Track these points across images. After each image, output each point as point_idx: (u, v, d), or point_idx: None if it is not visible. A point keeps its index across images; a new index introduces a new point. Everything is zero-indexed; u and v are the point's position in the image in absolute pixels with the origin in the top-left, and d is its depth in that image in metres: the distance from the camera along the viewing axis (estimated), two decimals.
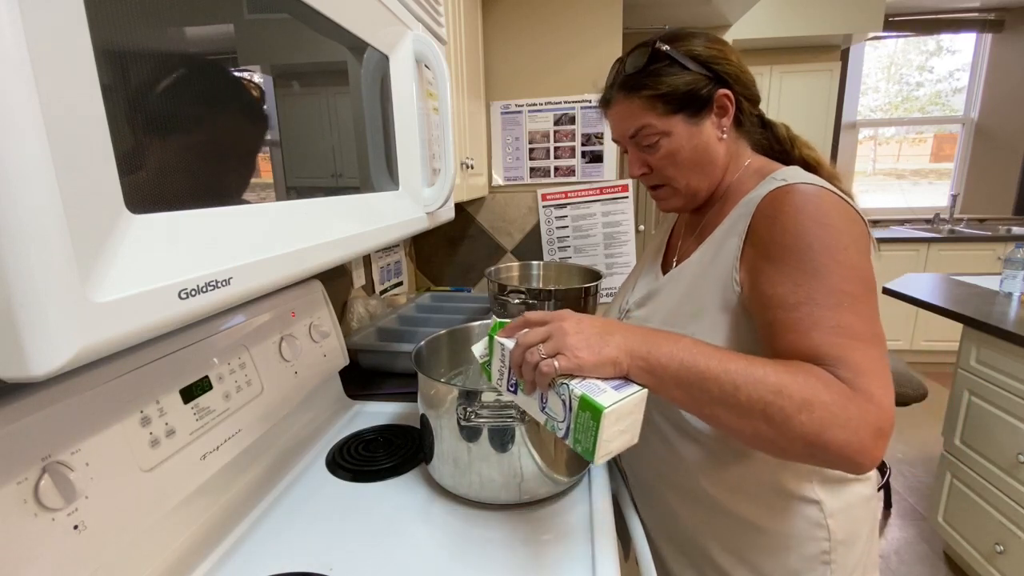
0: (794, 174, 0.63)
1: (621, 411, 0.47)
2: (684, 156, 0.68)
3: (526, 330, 0.54)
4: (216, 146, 0.43)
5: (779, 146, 0.73)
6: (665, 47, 0.67)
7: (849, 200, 0.60)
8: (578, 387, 0.48)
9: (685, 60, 0.67)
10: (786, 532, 0.65)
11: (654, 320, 0.71)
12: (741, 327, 0.62)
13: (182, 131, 0.39)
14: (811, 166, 0.69)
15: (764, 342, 0.58)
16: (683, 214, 0.83)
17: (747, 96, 0.70)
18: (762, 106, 0.74)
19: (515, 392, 0.56)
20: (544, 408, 0.53)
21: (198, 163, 0.40)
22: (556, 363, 0.49)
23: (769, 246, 0.58)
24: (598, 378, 0.50)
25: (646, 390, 0.50)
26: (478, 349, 0.61)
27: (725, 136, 0.69)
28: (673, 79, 0.67)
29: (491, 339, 0.58)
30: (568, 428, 0.50)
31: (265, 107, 0.50)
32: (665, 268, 0.80)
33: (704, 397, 0.49)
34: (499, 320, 0.59)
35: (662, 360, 0.50)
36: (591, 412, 0.47)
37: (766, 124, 0.75)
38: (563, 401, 0.50)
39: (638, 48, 0.70)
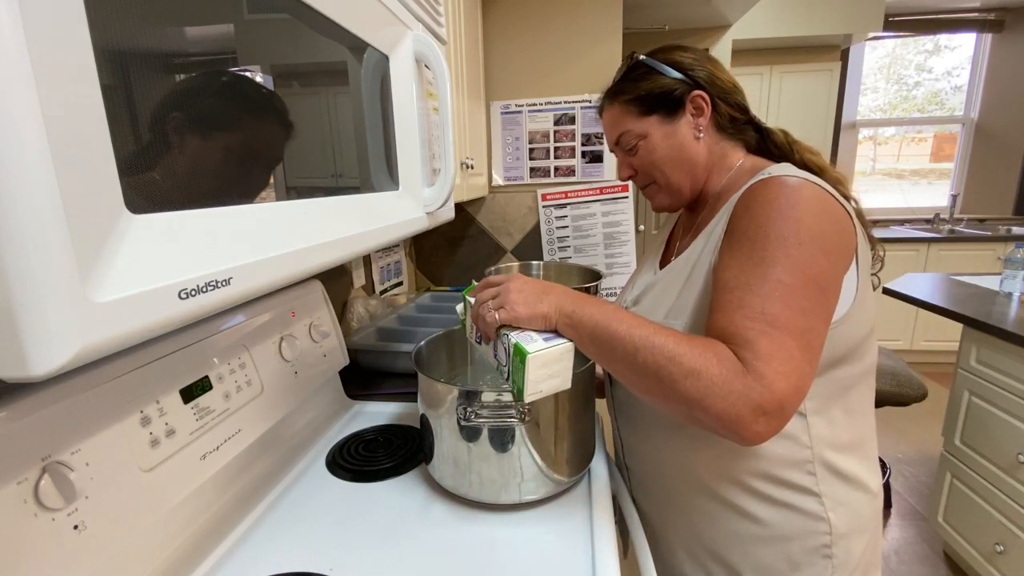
0: (783, 169, 0.64)
1: (546, 358, 0.56)
2: (661, 155, 0.74)
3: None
4: (222, 147, 0.43)
5: (778, 151, 0.74)
6: (642, 56, 0.75)
7: (838, 197, 0.61)
8: (514, 336, 0.58)
9: (661, 67, 0.73)
10: (787, 524, 0.66)
11: (656, 315, 0.71)
12: None
13: (182, 131, 0.39)
14: (813, 171, 0.68)
15: None
16: (682, 213, 0.86)
17: (724, 99, 0.73)
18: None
19: (479, 343, 0.66)
20: (496, 355, 0.63)
21: (198, 163, 0.40)
22: (497, 315, 0.60)
23: (734, 233, 0.61)
24: (533, 331, 0.59)
25: (572, 344, 0.58)
26: (460, 309, 0.73)
27: (702, 135, 0.73)
28: (647, 83, 0.73)
29: (464, 299, 0.71)
30: (508, 371, 0.59)
31: (270, 106, 0.50)
32: (664, 265, 0.81)
33: (611, 355, 0.56)
34: (473, 282, 0.70)
35: (583, 319, 0.58)
36: (520, 357, 0.56)
37: (762, 130, 0.76)
38: (504, 348, 0.59)
39: (624, 60, 0.78)
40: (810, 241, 0.56)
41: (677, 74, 0.72)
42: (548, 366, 0.56)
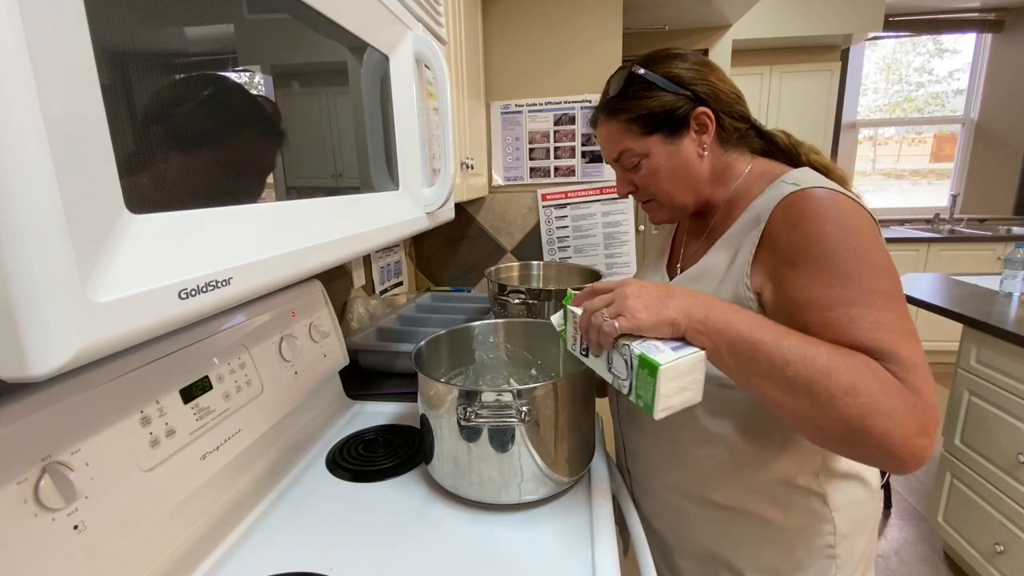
0: (804, 177, 0.62)
1: (678, 369, 0.50)
2: (665, 174, 0.70)
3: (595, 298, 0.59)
4: (221, 149, 0.43)
5: (783, 154, 0.72)
6: (641, 70, 0.69)
7: (860, 201, 0.60)
8: (638, 347, 0.52)
9: (662, 81, 0.68)
10: (793, 525, 0.65)
11: None
12: None
13: (182, 131, 0.39)
14: (820, 171, 0.67)
15: None
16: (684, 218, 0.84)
17: (727, 112, 0.70)
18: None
19: (586, 355, 0.62)
20: (610, 368, 0.57)
21: (198, 163, 0.40)
22: (616, 323, 0.54)
23: (793, 252, 0.57)
24: (658, 339, 0.54)
25: (703, 352, 0.52)
26: (556, 319, 0.68)
27: (706, 153, 0.70)
28: (649, 102, 0.68)
29: (565, 309, 0.65)
30: (631, 384, 0.54)
31: (267, 111, 0.50)
32: (671, 272, 0.79)
33: (754, 368, 0.51)
34: (571, 291, 0.66)
35: (719, 326, 0.52)
36: (648, 369, 0.51)
37: (764, 134, 0.74)
38: (625, 360, 0.54)
39: (619, 70, 0.72)
40: (877, 247, 0.55)
41: (679, 89, 0.68)
42: (680, 378, 0.51)
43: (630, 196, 0.78)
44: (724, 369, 0.53)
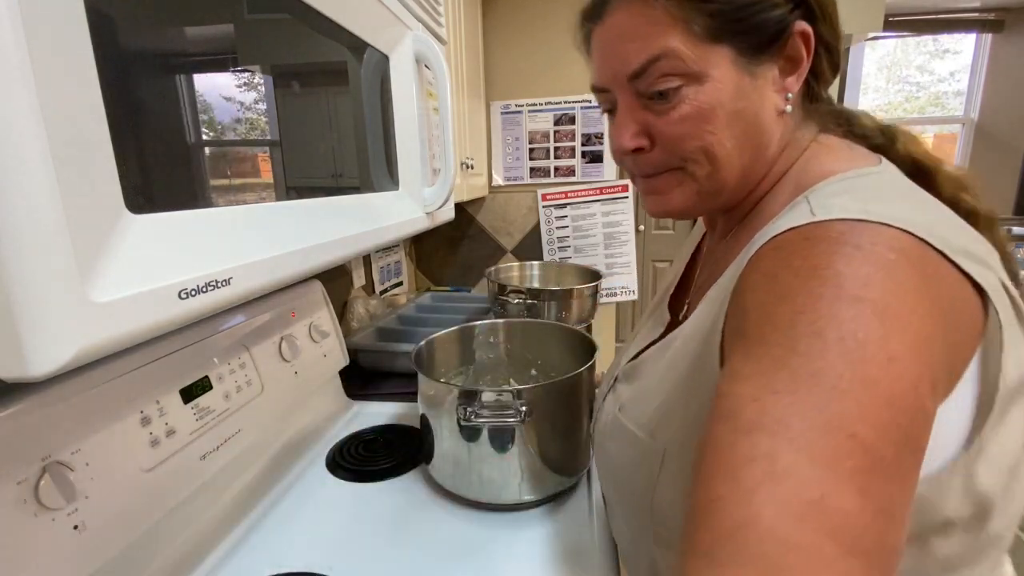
0: (850, 191, 0.38)
1: None
2: (721, 122, 0.41)
3: None
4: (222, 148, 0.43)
5: (864, 143, 0.47)
6: None
7: (960, 264, 0.33)
8: None
9: None
10: None
11: (647, 408, 0.46)
12: None
13: (182, 131, 0.39)
14: (923, 168, 0.44)
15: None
16: (713, 223, 0.55)
17: (829, 48, 0.44)
18: None
19: None
20: None
21: (198, 163, 0.40)
22: None
23: (745, 323, 0.34)
24: None
25: None
26: None
27: (789, 108, 0.43)
28: None
29: None
30: None
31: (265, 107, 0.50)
32: (674, 311, 0.54)
33: None
34: None
35: None
36: None
37: (837, 111, 0.49)
38: None
39: None
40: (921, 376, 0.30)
41: None
42: None
43: (629, 187, 0.50)
44: None
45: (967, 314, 0.33)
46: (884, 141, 0.47)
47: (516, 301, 1.23)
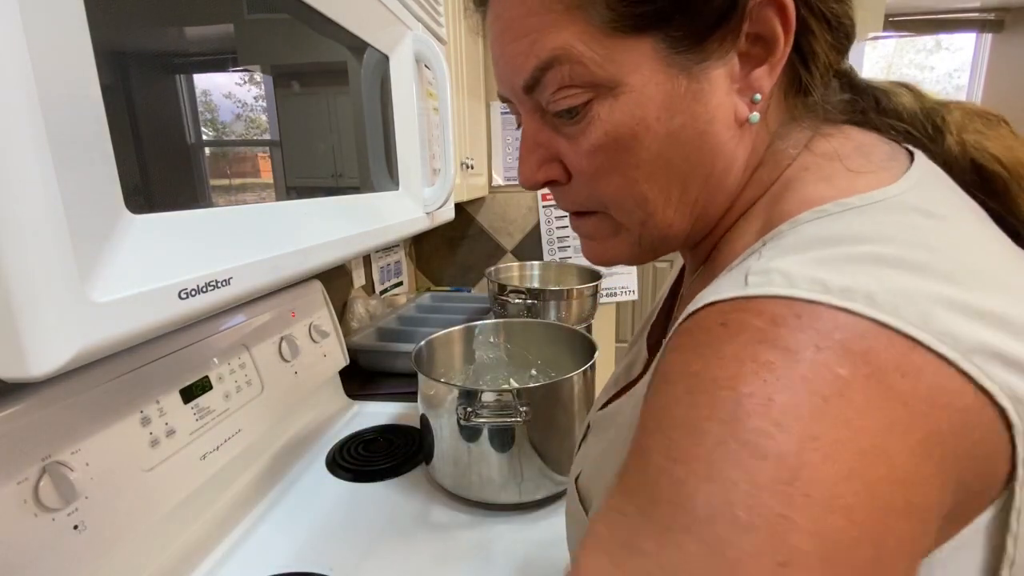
0: (819, 241, 0.25)
1: None
2: (647, 153, 0.29)
3: None
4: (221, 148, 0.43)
5: (901, 137, 0.32)
6: None
7: (985, 383, 0.20)
8: None
9: None
10: None
11: (594, 501, 0.37)
12: None
13: (182, 131, 0.39)
14: (990, 177, 0.31)
15: None
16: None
17: (829, 17, 0.29)
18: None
19: None
20: None
21: (198, 163, 0.40)
22: None
23: (632, 445, 0.25)
24: None
25: None
26: None
27: (755, 116, 0.30)
28: None
29: None
30: None
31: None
32: (652, 349, 0.44)
33: None
34: None
35: None
36: None
37: (860, 89, 0.35)
38: None
39: None
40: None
41: None
42: None
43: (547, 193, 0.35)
44: None
45: (984, 450, 0.21)
46: (926, 127, 0.32)
47: (516, 301, 1.23)
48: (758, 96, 0.29)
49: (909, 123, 0.33)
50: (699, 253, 0.36)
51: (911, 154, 0.29)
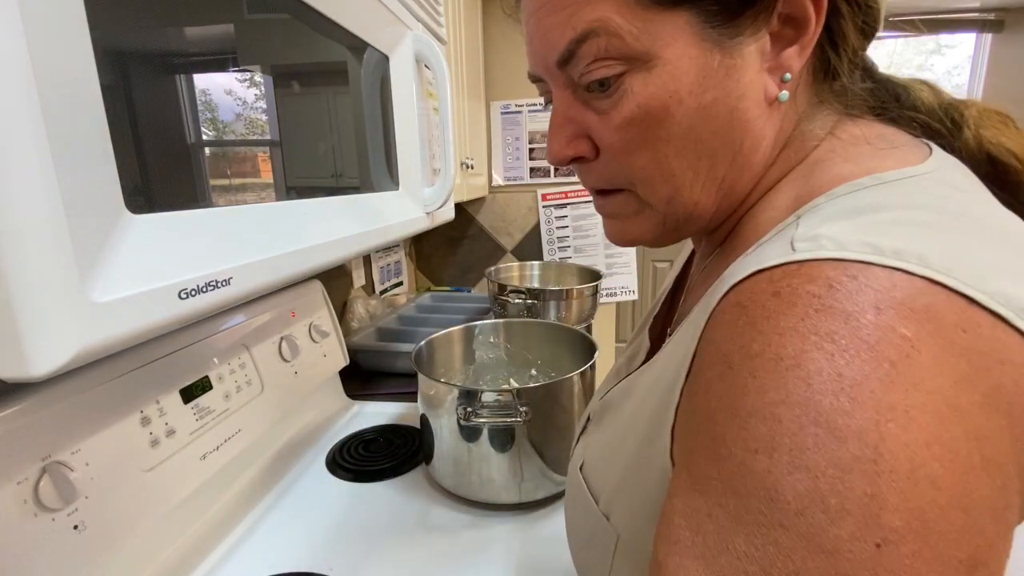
0: (860, 210, 0.25)
1: None
2: (679, 128, 0.30)
3: None
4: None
5: (921, 131, 0.33)
6: None
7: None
8: None
9: None
10: None
11: (600, 487, 0.36)
12: None
13: (182, 131, 0.39)
14: (1005, 169, 0.32)
15: None
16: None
17: (859, 4, 0.30)
18: None
19: None
20: None
21: (198, 163, 0.40)
22: None
23: (693, 439, 0.25)
24: None
25: None
26: None
27: (785, 94, 0.30)
28: None
29: None
30: None
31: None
32: (655, 340, 0.44)
33: None
34: None
35: None
36: None
37: (881, 82, 0.35)
38: None
39: None
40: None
41: None
42: None
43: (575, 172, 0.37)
44: None
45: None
46: (948, 126, 0.32)
47: (516, 301, 1.23)
48: (788, 75, 0.29)
49: (927, 116, 0.33)
50: (717, 235, 0.37)
51: (928, 146, 0.30)
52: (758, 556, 0.20)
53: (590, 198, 0.38)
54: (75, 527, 0.47)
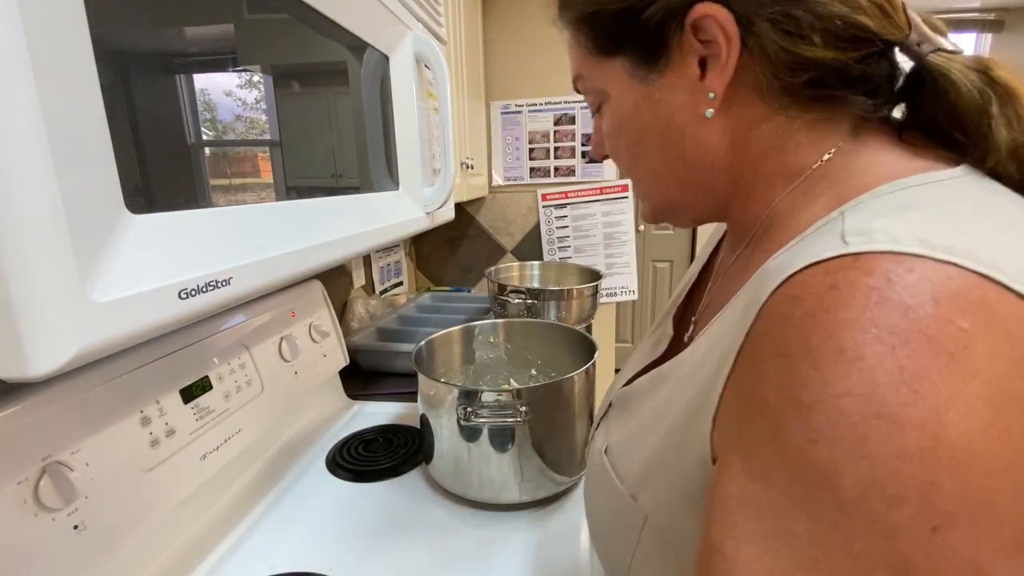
0: (908, 207, 0.26)
1: None
2: (629, 138, 0.39)
3: None
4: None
5: (961, 132, 0.30)
6: None
7: None
8: None
9: None
10: None
11: (627, 470, 0.38)
12: None
13: (182, 131, 0.39)
14: None
15: None
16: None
17: (779, 20, 0.30)
18: None
19: None
20: None
21: (198, 163, 0.40)
22: None
23: (748, 429, 0.25)
24: None
25: None
26: None
27: (710, 112, 0.34)
28: None
29: None
30: None
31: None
32: (679, 328, 0.46)
33: None
34: None
35: None
36: None
37: (905, 75, 0.34)
38: None
39: None
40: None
41: None
42: None
43: (629, 187, 0.41)
44: None
45: None
46: (981, 127, 0.30)
47: (516, 301, 1.23)
48: (712, 95, 0.34)
49: (961, 118, 0.31)
50: (742, 229, 0.39)
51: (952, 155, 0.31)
52: (818, 540, 0.21)
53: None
54: (75, 527, 0.47)
